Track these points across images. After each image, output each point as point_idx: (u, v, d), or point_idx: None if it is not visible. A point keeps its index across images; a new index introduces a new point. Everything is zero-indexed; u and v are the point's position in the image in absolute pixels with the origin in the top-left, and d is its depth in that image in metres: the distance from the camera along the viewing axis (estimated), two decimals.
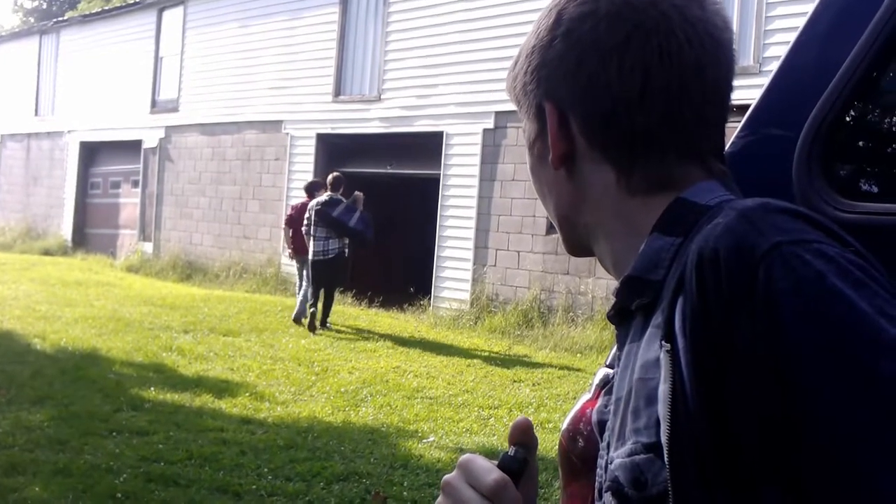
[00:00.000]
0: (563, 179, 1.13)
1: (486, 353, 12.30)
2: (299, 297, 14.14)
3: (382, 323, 14.71)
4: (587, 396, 2.43)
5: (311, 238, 13.45)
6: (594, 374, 2.47)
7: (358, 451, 7.44)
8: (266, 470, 6.80)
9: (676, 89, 1.05)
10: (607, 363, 2.44)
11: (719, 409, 0.88)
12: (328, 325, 13.91)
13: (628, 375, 1.01)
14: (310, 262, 13.52)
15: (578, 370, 11.32)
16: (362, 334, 13.51)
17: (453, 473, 1.06)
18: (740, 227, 0.91)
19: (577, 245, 1.20)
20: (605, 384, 1.24)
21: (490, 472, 1.02)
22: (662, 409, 0.91)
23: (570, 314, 13.83)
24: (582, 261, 14.01)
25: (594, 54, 1.07)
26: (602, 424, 1.11)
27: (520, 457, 1.06)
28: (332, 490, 6.49)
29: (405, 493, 6.53)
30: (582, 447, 2.38)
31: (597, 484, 1.06)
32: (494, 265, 15.29)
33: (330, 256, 13.44)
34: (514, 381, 10.64)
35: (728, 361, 0.88)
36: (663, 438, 0.91)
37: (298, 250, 14.13)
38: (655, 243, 1.03)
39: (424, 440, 7.97)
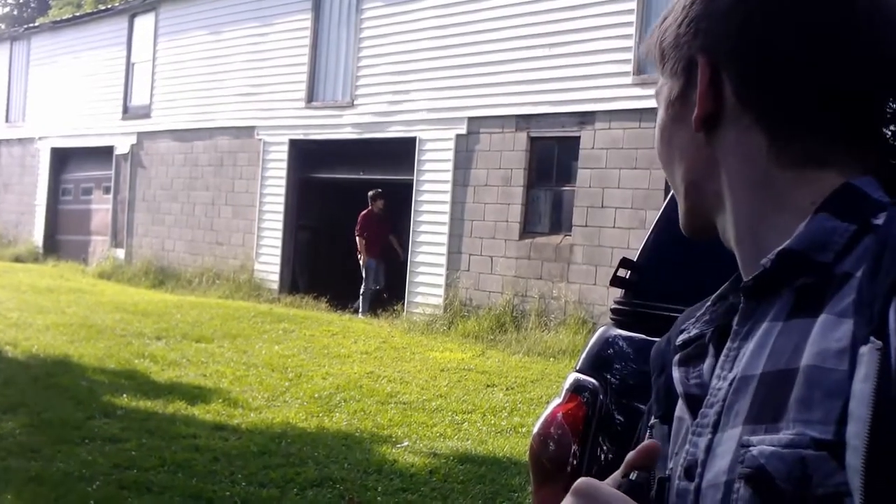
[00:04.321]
0: (701, 143, 1.05)
1: (460, 358, 12.32)
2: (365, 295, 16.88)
3: (356, 328, 14.71)
4: (558, 401, 2.47)
5: None
6: (565, 379, 2.50)
7: (332, 457, 7.45)
8: (240, 476, 6.80)
9: (851, 62, 0.98)
10: (577, 368, 2.47)
11: None
12: None
13: (766, 355, 0.94)
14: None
15: (551, 374, 11.36)
16: (336, 339, 13.51)
17: (574, 502, 0.95)
18: None
19: (699, 218, 1.10)
20: (661, 360, 1.14)
21: (625, 502, 0.94)
22: (860, 410, 0.83)
23: (543, 319, 13.87)
24: (554, 265, 14.07)
25: (765, 10, 1.00)
26: (692, 397, 1.03)
27: (644, 483, 0.97)
28: (307, 496, 6.49)
29: (379, 498, 6.55)
30: (553, 451, 2.41)
31: (683, 461, 0.99)
32: (468, 270, 15.32)
33: None
34: (488, 386, 10.67)
35: None
36: (855, 441, 0.83)
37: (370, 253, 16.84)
38: (826, 223, 0.95)
39: (398, 445, 7.98)
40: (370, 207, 16.83)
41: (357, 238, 16.82)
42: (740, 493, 0.89)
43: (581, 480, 0.96)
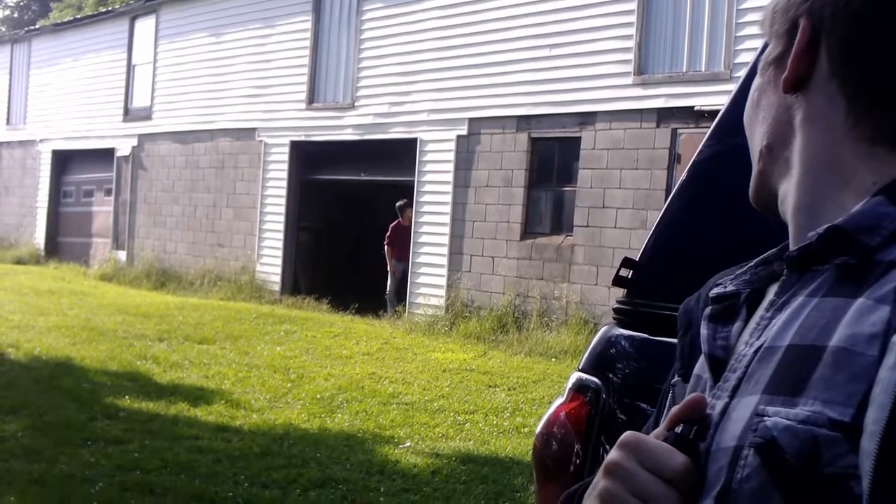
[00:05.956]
0: (785, 106, 1.05)
1: (462, 359, 12.33)
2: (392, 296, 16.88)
3: (358, 329, 14.71)
4: (561, 400, 2.47)
5: None
6: (568, 379, 2.51)
7: (334, 458, 7.46)
8: (242, 477, 6.80)
9: None
10: (580, 367, 2.48)
11: None
12: None
13: (795, 327, 0.94)
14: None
15: (553, 375, 11.36)
16: (337, 340, 13.51)
17: (619, 454, 0.96)
18: None
19: (765, 185, 1.10)
20: (688, 318, 1.14)
21: (672, 454, 0.94)
22: (883, 397, 0.82)
23: (545, 319, 13.88)
24: (556, 266, 14.07)
25: None
26: (715, 359, 1.03)
27: (691, 436, 0.96)
28: (309, 497, 6.50)
29: (382, 499, 6.56)
30: (556, 450, 2.42)
31: (712, 416, 0.97)
32: (469, 271, 15.32)
33: None
34: (490, 386, 10.67)
35: None
36: (873, 426, 0.82)
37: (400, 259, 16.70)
38: (880, 208, 0.94)
39: (401, 446, 7.99)
40: (399, 218, 16.67)
41: (386, 247, 16.83)
42: (748, 460, 0.89)
43: (627, 434, 0.97)
